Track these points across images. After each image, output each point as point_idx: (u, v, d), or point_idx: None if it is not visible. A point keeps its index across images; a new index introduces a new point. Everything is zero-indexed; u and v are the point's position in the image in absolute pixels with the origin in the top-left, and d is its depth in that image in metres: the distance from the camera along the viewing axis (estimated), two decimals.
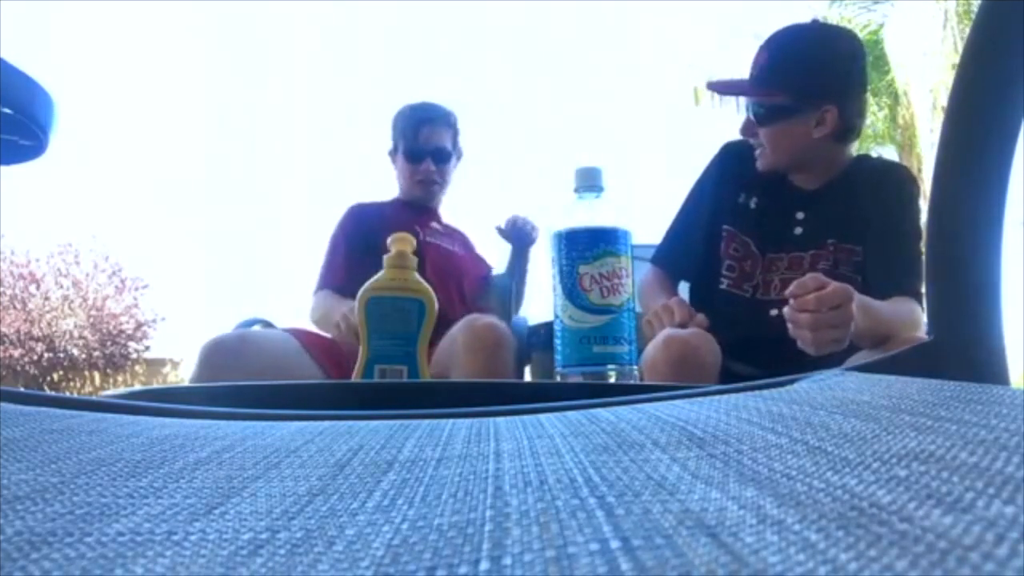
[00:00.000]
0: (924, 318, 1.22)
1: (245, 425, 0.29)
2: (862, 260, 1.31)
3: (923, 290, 1.26)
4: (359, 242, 1.63)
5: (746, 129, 1.36)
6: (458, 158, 1.85)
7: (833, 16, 9.09)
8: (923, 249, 1.30)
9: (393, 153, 1.83)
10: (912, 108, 8.58)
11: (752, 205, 1.40)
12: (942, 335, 0.48)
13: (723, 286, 1.40)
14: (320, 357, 1.44)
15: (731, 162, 1.47)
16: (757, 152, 1.37)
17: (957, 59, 0.48)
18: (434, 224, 1.77)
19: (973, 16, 0.46)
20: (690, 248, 1.46)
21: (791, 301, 1.02)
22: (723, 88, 1.48)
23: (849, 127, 1.33)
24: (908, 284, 1.24)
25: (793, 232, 1.36)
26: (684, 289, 1.51)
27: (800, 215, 1.36)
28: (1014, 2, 0.43)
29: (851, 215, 1.31)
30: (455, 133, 1.81)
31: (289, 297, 1.72)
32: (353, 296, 1.67)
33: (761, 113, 1.32)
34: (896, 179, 1.35)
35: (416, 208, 1.78)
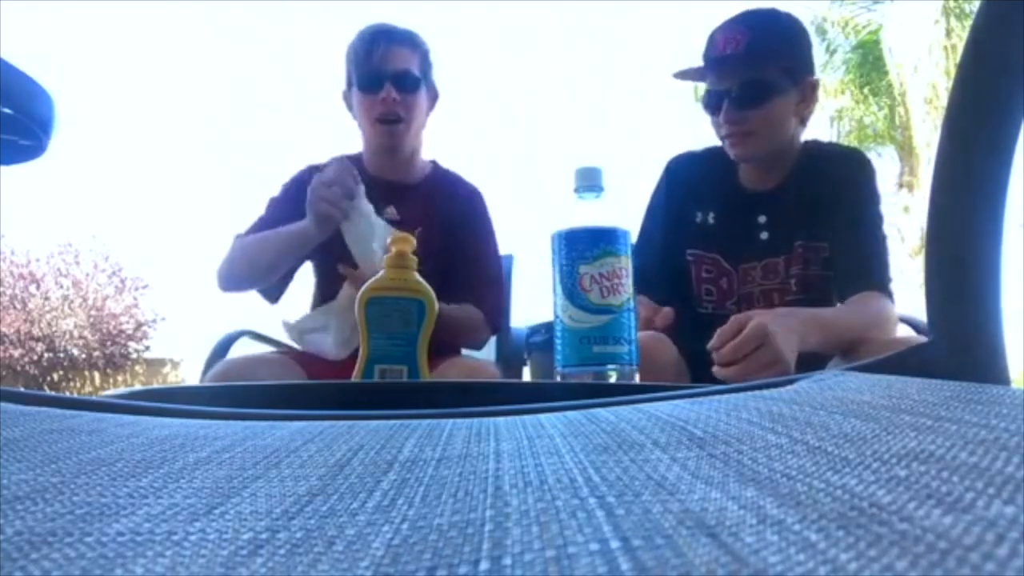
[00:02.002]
0: (895, 313, 1.22)
1: (245, 425, 0.29)
2: (829, 256, 1.29)
3: (890, 278, 1.25)
4: (291, 217, 1.33)
5: (729, 115, 1.27)
6: (432, 97, 1.47)
7: (833, 16, 9.11)
8: (887, 233, 1.29)
9: (347, 92, 1.45)
10: (911, 108, 8.59)
11: (711, 220, 1.37)
12: (942, 335, 0.48)
13: (708, 310, 1.37)
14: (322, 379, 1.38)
15: (678, 180, 1.43)
16: (732, 141, 1.30)
17: (955, 59, 0.48)
18: (389, 211, 1.41)
19: (972, 16, 0.46)
20: (654, 270, 1.40)
21: (714, 355, 1.00)
22: (691, 74, 1.35)
23: (814, 106, 1.33)
24: (874, 277, 1.23)
25: (759, 237, 1.34)
26: None
27: (762, 219, 1.34)
28: (1014, 2, 0.43)
29: (813, 211, 1.29)
30: (425, 61, 1.42)
31: (288, 297, 1.58)
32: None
33: (749, 92, 1.26)
34: (851, 167, 1.33)
35: (377, 187, 1.38)
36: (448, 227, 1.44)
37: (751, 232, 1.35)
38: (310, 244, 1.31)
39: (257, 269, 1.39)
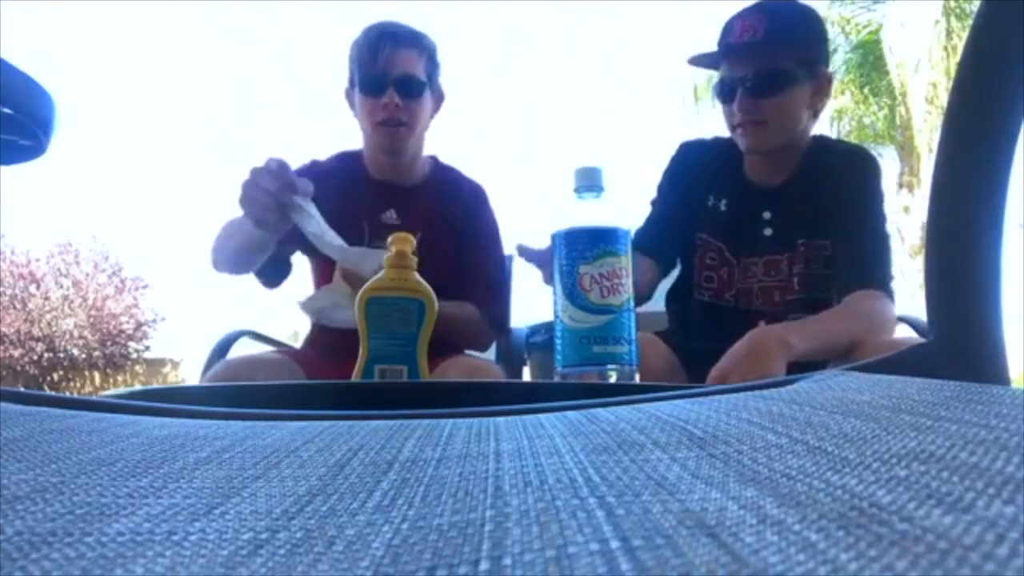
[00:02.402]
0: (893, 313, 1.21)
1: (245, 425, 0.29)
2: (831, 255, 1.28)
3: (891, 276, 1.25)
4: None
5: (743, 104, 1.26)
6: (437, 99, 1.45)
7: (833, 16, 9.11)
8: (888, 232, 1.28)
9: (350, 91, 1.43)
10: (912, 108, 8.60)
11: (722, 207, 1.36)
12: (942, 335, 0.48)
13: (705, 297, 1.37)
14: (322, 380, 1.37)
15: (689, 162, 1.42)
16: (743, 131, 1.28)
17: (956, 59, 0.48)
18: (388, 214, 1.41)
19: (972, 16, 0.46)
20: (668, 234, 1.38)
21: None
22: (705, 60, 1.32)
23: (828, 100, 1.32)
24: (874, 276, 1.22)
25: (763, 234, 1.33)
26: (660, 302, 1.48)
27: (767, 215, 1.33)
28: (1014, 2, 0.43)
29: (817, 210, 1.29)
30: (431, 63, 1.40)
31: (287, 296, 1.53)
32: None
33: (765, 80, 1.24)
34: (858, 166, 1.32)
35: (377, 190, 1.42)
36: (450, 228, 1.43)
37: (756, 227, 1.34)
38: (265, 243, 1.24)
39: (227, 256, 1.34)
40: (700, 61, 1.33)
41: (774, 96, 1.25)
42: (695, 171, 1.41)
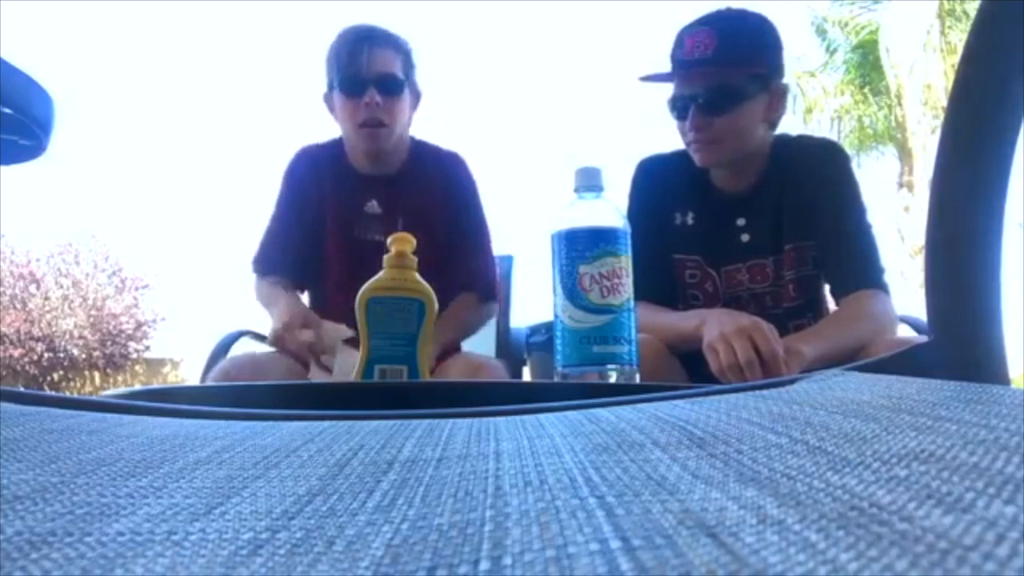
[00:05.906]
0: (893, 310, 1.21)
1: (245, 425, 0.29)
2: (817, 254, 1.27)
3: (883, 269, 1.24)
4: (296, 215, 1.45)
5: (696, 121, 1.24)
6: (415, 97, 1.47)
7: (833, 16, 9.12)
8: (870, 222, 1.26)
9: (328, 95, 1.44)
10: (906, 108, 8.61)
11: (690, 222, 1.35)
12: (942, 335, 0.48)
13: None
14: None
15: (652, 182, 1.39)
16: (697, 148, 1.26)
17: (953, 59, 0.48)
18: (371, 204, 1.45)
19: (970, 16, 0.46)
20: (649, 277, 1.32)
21: None
22: (658, 77, 1.30)
23: (784, 110, 1.30)
24: (868, 274, 1.22)
25: (740, 240, 1.32)
26: None
27: (741, 221, 1.32)
28: (1014, 2, 0.43)
29: (796, 210, 1.27)
30: (408, 63, 1.42)
31: None
32: (295, 277, 1.45)
33: (717, 98, 1.22)
34: (826, 159, 1.30)
35: (359, 182, 1.45)
36: (432, 208, 1.45)
37: (731, 234, 1.32)
38: None
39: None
40: (653, 79, 1.30)
41: (726, 113, 1.23)
42: (658, 190, 1.38)
